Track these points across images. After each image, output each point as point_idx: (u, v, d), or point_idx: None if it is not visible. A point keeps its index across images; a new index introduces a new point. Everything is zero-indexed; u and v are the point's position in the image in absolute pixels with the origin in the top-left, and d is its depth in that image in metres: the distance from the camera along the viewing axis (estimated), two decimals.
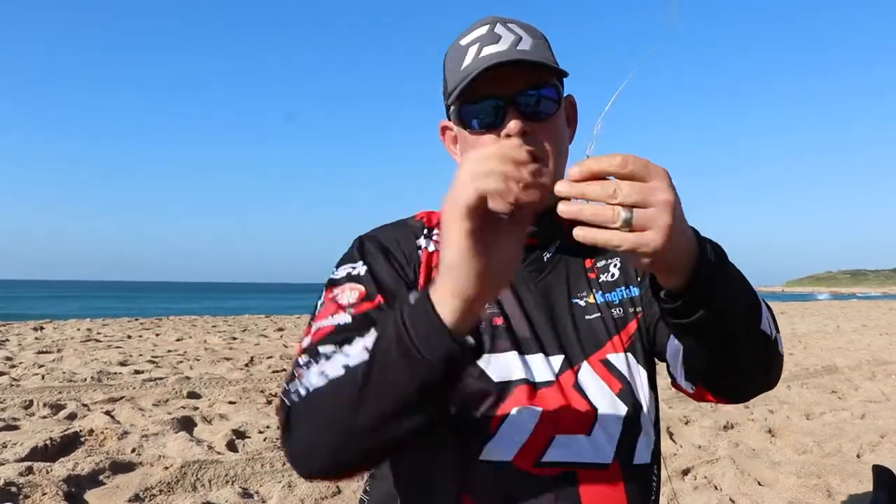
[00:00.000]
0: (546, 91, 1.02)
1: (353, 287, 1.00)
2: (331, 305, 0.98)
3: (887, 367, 8.54)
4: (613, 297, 1.11)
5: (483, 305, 0.74)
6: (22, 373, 7.17)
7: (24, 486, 3.31)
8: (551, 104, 1.03)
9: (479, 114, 1.02)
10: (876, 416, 5.51)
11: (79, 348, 9.70)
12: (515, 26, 1.04)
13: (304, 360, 0.89)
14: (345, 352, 0.84)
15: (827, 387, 7.02)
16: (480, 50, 1.01)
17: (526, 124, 1.00)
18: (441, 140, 1.17)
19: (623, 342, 1.08)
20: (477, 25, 1.06)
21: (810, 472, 3.87)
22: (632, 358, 1.08)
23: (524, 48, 1.02)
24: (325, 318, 0.96)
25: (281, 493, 3.48)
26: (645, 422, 1.05)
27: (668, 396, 6.11)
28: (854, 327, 15.82)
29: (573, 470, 0.98)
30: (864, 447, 4.51)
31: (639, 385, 1.06)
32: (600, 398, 1.02)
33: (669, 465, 4.03)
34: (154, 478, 3.61)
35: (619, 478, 1.00)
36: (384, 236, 1.10)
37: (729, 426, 5.10)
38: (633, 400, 1.04)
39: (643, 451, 1.04)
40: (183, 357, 8.95)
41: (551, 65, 1.01)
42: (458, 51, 1.05)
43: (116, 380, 6.83)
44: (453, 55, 1.06)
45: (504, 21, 1.05)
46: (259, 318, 18.20)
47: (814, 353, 10.09)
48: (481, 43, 1.02)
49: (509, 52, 1.00)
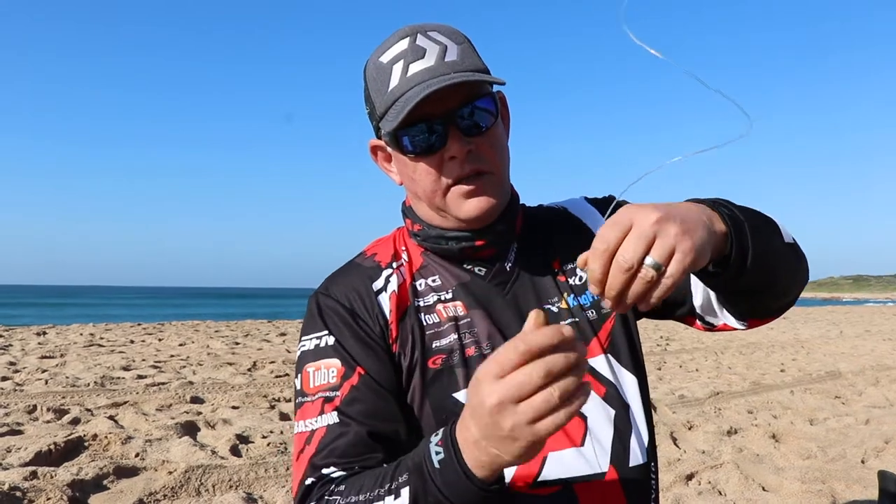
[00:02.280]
0: (482, 102, 0.99)
1: (328, 365, 1.01)
2: (315, 402, 0.99)
3: (891, 372, 8.51)
4: (585, 299, 1.10)
5: None
6: (26, 378, 7.18)
7: (28, 491, 3.31)
8: (489, 115, 1.00)
9: (418, 137, 0.98)
10: (880, 422, 5.49)
11: (82, 353, 9.72)
12: (437, 34, 0.99)
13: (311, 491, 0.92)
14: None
15: (831, 392, 7.00)
16: (407, 68, 0.96)
17: (467, 141, 0.98)
18: (372, 159, 1.12)
19: (602, 343, 1.08)
20: (395, 39, 1.00)
21: (815, 478, 3.86)
22: (612, 359, 1.08)
23: (452, 58, 0.97)
24: (312, 418, 0.98)
25: (285, 498, 3.48)
26: (635, 421, 1.05)
27: (671, 402, 6.11)
28: (857, 333, 15.79)
29: (571, 485, 0.98)
30: (868, 453, 4.49)
31: (623, 385, 1.06)
32: (589, 406, 1.02)
33: (673, 471, 4.03)
34: (158, 482, 3.62)
35: (616, 484, 1.00)
36: (340, 291, 1.07)
37: (733, 431, 5.09)
38: (619, 402, 1.05)
39: (637, 451, 1.04)
40: (186, 362, 8.96)
41: (488, 78, 0.96)
42: (380, 69, 0.99)
43: (120, 385, 6.84)
44: (376, 74, 1.00)
45: (423, 30, 0.99)
46: (261, 323, 18.22)
47: (817, 358, 10.07)
48: (405, 60, 0.97)
49: (438, 66, 0.96)
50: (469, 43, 1.03)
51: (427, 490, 0.78)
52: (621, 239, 0.71)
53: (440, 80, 0.93)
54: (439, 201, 1.02)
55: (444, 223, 1.06)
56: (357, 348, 1.01)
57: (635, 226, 0.71)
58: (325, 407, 0.98)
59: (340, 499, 0.86)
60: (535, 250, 1.12)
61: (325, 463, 0.93)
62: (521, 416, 0.66)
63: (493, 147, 1.01)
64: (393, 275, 1.09)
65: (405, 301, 1.06)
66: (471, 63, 0.99)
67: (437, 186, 1.01)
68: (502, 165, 1.03)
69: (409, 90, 0.95)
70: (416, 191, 1.05)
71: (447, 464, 0.76)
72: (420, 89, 0.93)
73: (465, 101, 0.97)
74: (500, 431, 0.68)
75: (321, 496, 0.89)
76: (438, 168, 1.00)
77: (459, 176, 0.99)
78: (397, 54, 0.98)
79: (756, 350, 11.16)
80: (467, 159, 0.98)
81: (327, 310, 1.06)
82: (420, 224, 1.09)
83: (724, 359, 9.86)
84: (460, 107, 0.97)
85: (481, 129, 0.99)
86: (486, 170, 1.00)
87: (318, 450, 0.95)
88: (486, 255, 1.09)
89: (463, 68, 0.97)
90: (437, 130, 0.97)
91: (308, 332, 1.06)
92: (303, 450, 0.97)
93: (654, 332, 14.16)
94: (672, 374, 8.19)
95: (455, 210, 1.02)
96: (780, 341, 12.94)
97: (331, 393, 0.98)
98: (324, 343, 1.02)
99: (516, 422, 0.67)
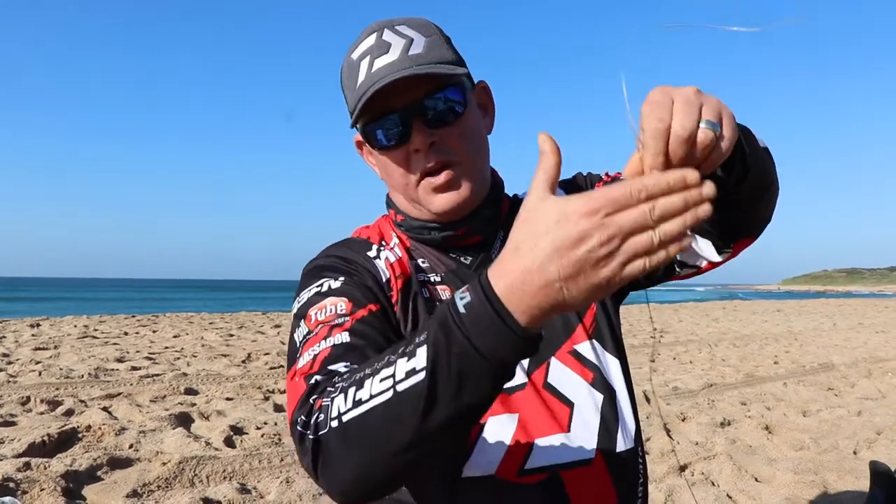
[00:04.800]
0: (450, 93, 0.98)
1: (334, 301, 0.93)
2: (321, 330, 0.89)
3: (883, 364, 8.56)
4: None
5: None
6: (19, 369, 7.16)
7: (22, 482, 3.30)
8: (457, 106, 0.99)
9: (384, 131, 0.98)
10: (872, 414, 5.52)
11: (76, 345, 9.69)
12: (405, 27, 0.99)
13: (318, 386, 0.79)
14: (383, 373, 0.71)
15: (823, 384, 7.04)
16: (372, 63, 0.96)
17: (432, 133, 0.97)
18: (358, 153, 1.13)
19: (587, 329, 1.08)
20: (365, 35, 1.00)
21: (807, 469, 3.89)
22: (598, 344, 1.08)
23: (417, 52, 0.97)
24: (317, 343, 0.87)
25: (279, 489, 3.48)
26: (621, 406, 1.05)
27: (665, 393, 6.13)
28: (850, 325, 15.86)
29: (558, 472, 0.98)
30: (860, 444, 4.52)
31: (610, 370, 1.06)
32: (574, 392, 1.02)
33: (667, 462, 4.04)
34: (152, 473, 3.61)
35: (603, 470, 1.00)
36: (336, 253, 1.06)
37: (726, 423, 5.11)
38: (606, 387, 1.04)
39: (624, 437, 1.04)
40: (180, 353, 8.94)
41: (444, 72, 0.95)
42: (351, 66, 1.00)
43: (114, 376, 6.82)
44: (348, 71, 1.01)
45: (392, 25, 1.00)
46: (256, 314, 18.18)
47: (810, 350, 10.12)
48: (371, 55, 0.97)
49: (401, 60, 0.95)
50: (440, 35, 1.02)
51: (451, 341, 0.65)
52: (671, 112, 0.66)
53: (397, 74, 0.93)
54: (413, 194, 1.02)
55: (421, 215, 1.06)
56: (363, 290, 0.97)
57: (678, 98, 0.66)
58: (334, 330, 0.88)
59: (345, 382, 0.74)
60: None
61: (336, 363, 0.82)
62: (621, 257, 0.59)
63: (461, 137, 1.00)
64: (385, 250, 1.08)
65: (406, 271, 1.05)
66: (437, 55, 0.98)
67: (407, 180, 1.01)
68: (473, 156, 1.02)
69: (371, 85, 0.95)
70: (391, 184, 1.06)
71: (476, 307, 0.64)
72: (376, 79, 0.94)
73: (430, 93, 0.97)
74: (580, 268, 0.60)
75: (324, 389, 0.77)
76: (406, 161, 1.00)
77: (426, 169, 0.99)
78: (364, 50, 0.98)
79: (750, 342, 11.21)
80: (431, 151, 0.98)
81: (325, 266, 1.02)
82: (402, 215, 1.10)
83: (717, 351, 9.90)
84: (424, 98, 0.96)
85: (448, 120, 0.98)
86: (453, 161, 0.99)
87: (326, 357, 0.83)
88: (471, 242, 1.08)
89: (427, 61, 0.96)
90: (400, 123, 0.97)
91: (305, 287, 0.99)
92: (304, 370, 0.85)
93: (647, 325, 14.20)
94: (666, 366, 8.22)
95: (426, 204, 1.02)
96: (773, 334, 13.00)
97: (340, 319, 0.90)
98: (326, 287, 0.96)
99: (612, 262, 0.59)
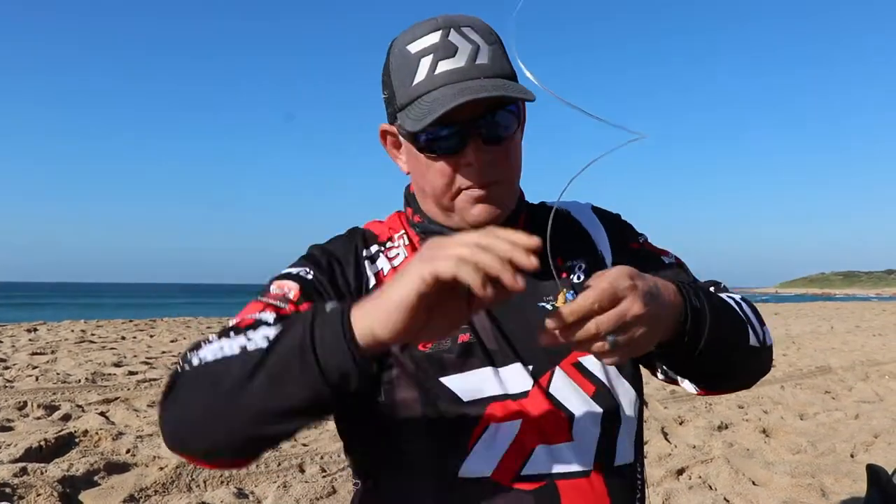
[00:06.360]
0: (507, 112, 0.97)
1: (290, 286, 0.98)
2: (259, 303, 0.95)
3: (881, 367, 8.58)
4: None
5: (395, 346, 0.75)
6: (16, 374, 7.14)
7: (18, 487, 3.30)
8: (512, 123, 0.98)
9: (437, 139, 0.96)
10: (869, 417, 5.53)
11: (73, 349, 9.67)
12: (471, 31, 0.96)
13: (212, 337, 0.86)
14: (248, 336, 0.80)
15: (821, 387, 7.05)
16: (435, 65, 0.93)
17: (486, 150, 0.96)
18: (381, 143, 1.10)
19: None
20: (426, 29, 0.96)
21: (804, 472, 3.90)
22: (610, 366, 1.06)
23: (483, 61, 0.94)
24: (249, 312, 0.93)
25: (276, 494, 3.48)
26: (623, 421, 1.04)
27: (662, 397, 6.13)
28: (848, 328, 15.89)
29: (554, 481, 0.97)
30: (857, 447, 4.53)
31: (614, 384, 1.05)
32: (575, 403, 1.01)
33: (664, 465, 4.05)
34: (149, 478, 3.61)
35: (601, 483, 0.99)
36: (325, 249, 1.07)
37: (723, 426, 5.12)
38: (609, 400, 1.03)
39: (624, 451, 1.03)
40: (177, 358, 8.92)
41: (516, 95, 0.93)
42: (406, 59, 0.96)
43: (111, 381, 6.81)
44: (402, 61, 0.97)
45: (457, 25, 0.95)
46: None
47: (808, 353, 10.13)
48: (435, 56, 0.93)
49: (468, 68, 0.93)
50: (500, 43, 1.00)
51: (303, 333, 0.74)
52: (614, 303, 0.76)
53: (471, 85, 0.91)
54: (447, 202, 1.01)
55: (446, 221, 1.05)
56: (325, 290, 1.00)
57: (621, 307, 0.76)
58: (268, 308, 0.93)
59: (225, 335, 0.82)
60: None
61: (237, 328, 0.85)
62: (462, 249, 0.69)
63: (509, 157, 0.99)
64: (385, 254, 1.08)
65: None
66: (500, 67, 0.96)
67: (448, 189, 0.99)
68: (516, 175, 1.03)
69: (434, 89, 0.93)
70: (423, 186, 1.03)
71: (333, 314, 0.74)
72: (448, 92, 0.91)
73: (490, 109, 0.95)
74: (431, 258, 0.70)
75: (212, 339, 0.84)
76: (453, 172, 0.98)
77: (473, 184, 0.98)
78: (427, 47, 0.95)
79: None
80: (483, 169, 0.96)
81: (310, 256, 1.06)
82: (421, 217, 1.08)
83: None
84: (484, 114, 0.95)
85: (501, 138, 0.97)
86: (501, 179, 0.99)
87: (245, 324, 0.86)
88: None
89: (493, 72, 0.94)
90: (457, 135, 0.95)
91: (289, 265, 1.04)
92: None
93: None
94: None
95: (462, 213, 1.01)
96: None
97: (279, 303, 0.95)
98: (295, 272, 1.01)
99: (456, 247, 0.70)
